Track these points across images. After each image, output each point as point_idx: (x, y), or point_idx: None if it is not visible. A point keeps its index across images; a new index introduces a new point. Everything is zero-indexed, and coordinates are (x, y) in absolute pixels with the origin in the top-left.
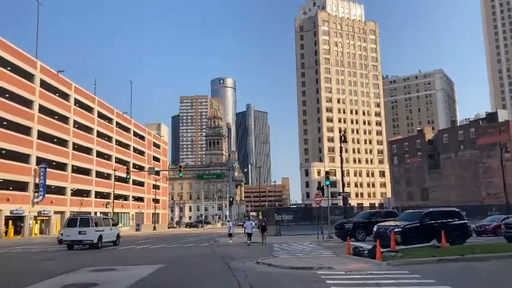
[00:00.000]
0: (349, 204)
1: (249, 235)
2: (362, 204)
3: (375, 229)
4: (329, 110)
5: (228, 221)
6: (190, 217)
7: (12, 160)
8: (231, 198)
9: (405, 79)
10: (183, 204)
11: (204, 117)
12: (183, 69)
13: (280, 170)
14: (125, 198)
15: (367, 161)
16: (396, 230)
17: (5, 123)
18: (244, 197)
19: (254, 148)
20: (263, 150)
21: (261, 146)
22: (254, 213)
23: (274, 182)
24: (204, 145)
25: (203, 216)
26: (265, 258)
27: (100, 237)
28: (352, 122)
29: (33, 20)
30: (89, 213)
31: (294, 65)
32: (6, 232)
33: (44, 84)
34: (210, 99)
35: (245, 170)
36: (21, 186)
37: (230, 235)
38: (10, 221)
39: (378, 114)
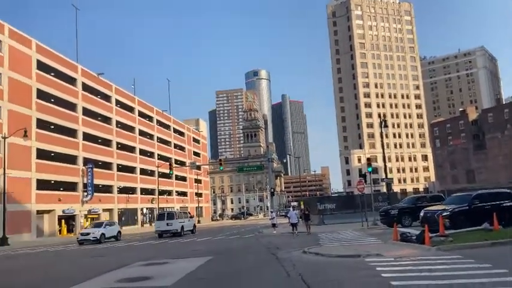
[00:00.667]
0: (393, 190)
1: (294, 225)
2: (405, 189)
3: (421, 214)
4: (367, 95)
5: (271, 212)
6: (232, 209)
7: (61, 162)
8: (272, 189)
9: (444, 59)
10: (225, 197)
11: (240, 110)
12: (217, 65)
13: (319, 159)
14: (169, 193)
15: (408, 146)
16: (444, 214)
17: (52, 127)
18: (285, 188)
19: (291, 138)
20: (301, 140)
21: (298, 136)
22: (295, 203)
23: (314, 171)
24: (241, 138)
25: (245, 208)
26: (312, 248)
27: (182, 227)
28: (391, 106)
29: (69, 23)
30: (135, 209)
31: (328, 52)
32: (60, 231)
33: (85, 87)
34: (245, 92)
35: (284, 160)
36: (71, 187)
37: (274, 225)
38: (63, 220)
39: (417, 96)
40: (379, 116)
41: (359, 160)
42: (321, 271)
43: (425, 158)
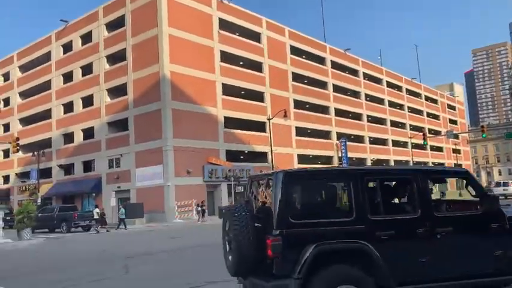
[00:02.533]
0: None
1: None
2: None
3: None
4: None
5: None
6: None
7: (316, 138)
8: None
9: None
10: (490, 168)
11: (504, 68)
12: (471, 21)
13: None
14: (424, 164)
15: None
16: None
17: (307, 106)
18: None
19: None
20: None
21: None
22: None
23: None
24: (507, 100)
25: None
26: None
27: None
28: None
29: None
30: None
31: None
32: None
33: (334, 65)
34: (510, 45)
35: None
36: (327, 160)
37: None
38: None
39: None
40: None
41: None
42: None
43: None
